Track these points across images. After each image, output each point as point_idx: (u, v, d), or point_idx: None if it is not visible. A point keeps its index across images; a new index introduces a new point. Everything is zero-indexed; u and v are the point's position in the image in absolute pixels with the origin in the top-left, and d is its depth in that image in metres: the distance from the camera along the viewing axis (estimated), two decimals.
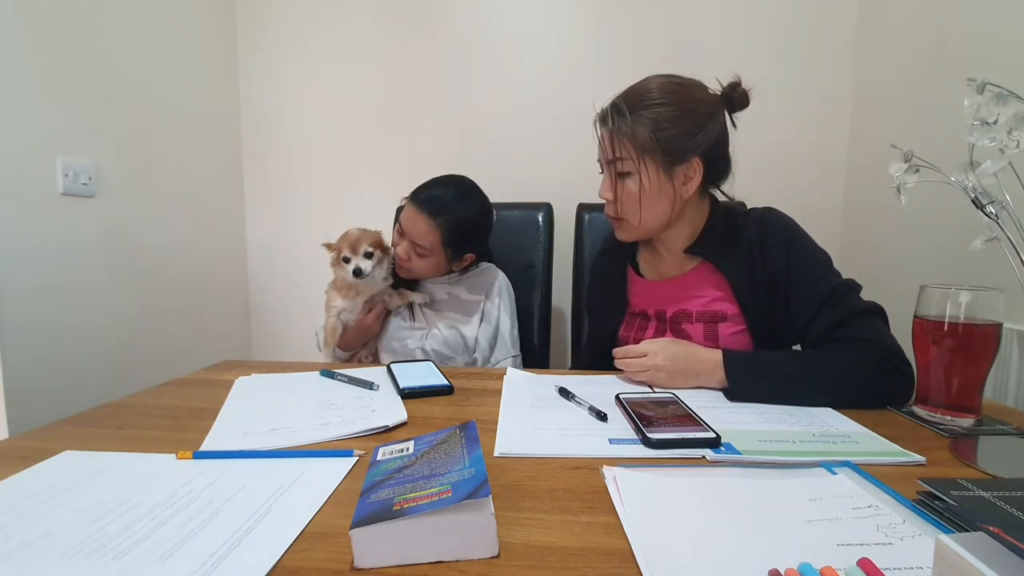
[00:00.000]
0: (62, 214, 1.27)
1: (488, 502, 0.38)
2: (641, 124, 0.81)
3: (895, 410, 0.70)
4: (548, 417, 0.67)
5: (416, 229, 1.10)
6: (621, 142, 0.83)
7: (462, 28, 1.75)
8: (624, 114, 0.82)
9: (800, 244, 0.85)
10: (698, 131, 0.82)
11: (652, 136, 0.81)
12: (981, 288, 0.63)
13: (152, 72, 1.53)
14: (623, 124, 0.82)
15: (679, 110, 0.82)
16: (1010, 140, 0.58)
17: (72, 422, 0.67)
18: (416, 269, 1.15)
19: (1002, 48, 1.07)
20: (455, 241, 1.12)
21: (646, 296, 0.95)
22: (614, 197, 0.87)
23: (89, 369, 1.32)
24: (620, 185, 0.86)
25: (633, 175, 0.84)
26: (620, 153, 0.83)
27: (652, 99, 0.82)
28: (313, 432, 0.62)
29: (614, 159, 0.85)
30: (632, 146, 0.82)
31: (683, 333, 0.89)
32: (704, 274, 0.90)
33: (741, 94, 0.85)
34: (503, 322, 1.19)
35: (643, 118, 0.81)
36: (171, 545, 0.39)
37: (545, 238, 1.48)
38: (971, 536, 0.29)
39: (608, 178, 0.88)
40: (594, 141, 0.89)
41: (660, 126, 0.81)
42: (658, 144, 0.81)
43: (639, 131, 0.81)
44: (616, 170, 0.85)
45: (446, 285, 1.22)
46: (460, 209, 1.13)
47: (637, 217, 0.86)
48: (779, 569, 0.35)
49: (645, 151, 0.82)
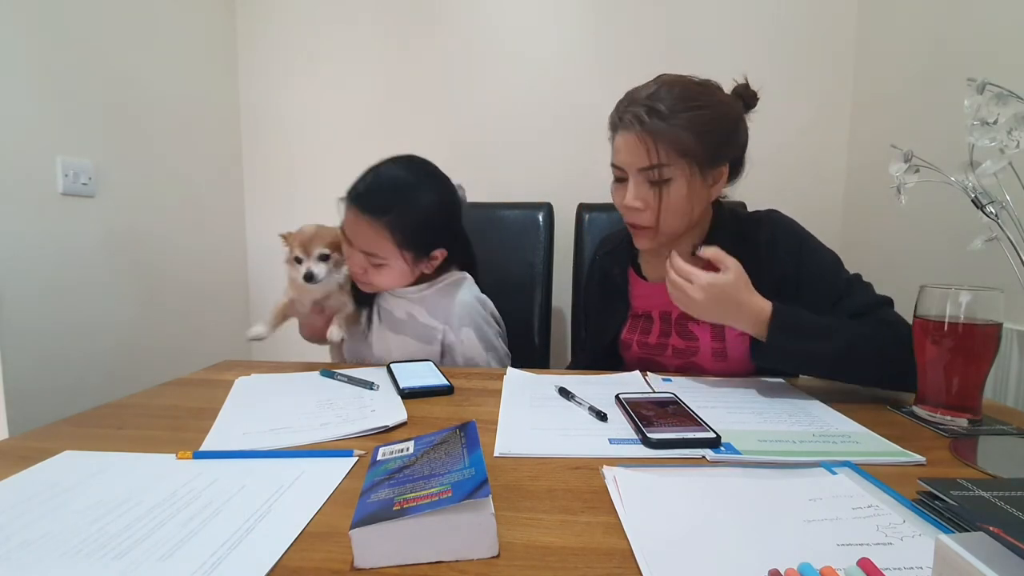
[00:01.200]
0: (62, 214, 1.27)
1: (488, 502, 0.38)
2: (682, 127, 0.78)
3: (895, 410, 0.70)
4: (548, 417, 0.67)
5: (361, 235, 0.92)
6: (660, 146, 0.78)
7: (462, 28, 1.75)
8: (664, 116, 0.77)
9: (810, 245, 0.86)
10: (733, 134, 0.82)
11: (696, 139, 0.78)
12: (981, 288, 0.63)
13: (152, 72, 1.53)
14: (664, 127, 0.77)
15: (715, 112, 0.80)
16: (1010, 140, 0.58)
17: (72, 422, 0.67)
18: (378, 282, 0.96)
19: (1002, 48, 1.07)
20: (413, 241, 0.93)
21: (650, 298, 0.94)
22: (645, 206, 0.82)
23: (89, 369, 1.32)
24: (656, 193, 0.81)
25: (675, 181, 0.80)
26: (660, 159, 0.79)
27: (689, 101, 0.79)
28: (313, 432, 0.62)
29: (652, 166, 0.79)
30: (675, 150, 0.78)
31: (689, 334, 0.89)
32: None
33: (751, 94, 0.86)
34: (471, 354, 1.00)
35: (683, 120, 0.78)
36: (171, 545, 0.39)
37: (545, 238, 1.48)
38: (971, 536, 0.29)
39: (636, 186, 0.82)
40: (595, 141, 0.89)
41: (702, 129, 0.78)
42: (703, 147, 0.78)
43: (683, 134, 0.77)
44: (653, 177, 0.80)
45: (406, 302, 1.00)
46: (410, 200, 0.93)
47: (673, 225, 0.83)
48: (779, 569, 0.35)
49: (688, 155, 0.79)
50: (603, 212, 1.52)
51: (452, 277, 1.03)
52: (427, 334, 0.99)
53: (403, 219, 0.91)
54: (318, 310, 1.03)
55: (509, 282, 1.43)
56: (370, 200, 0.92)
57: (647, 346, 0.93)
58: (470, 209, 1.10)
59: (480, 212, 1.53)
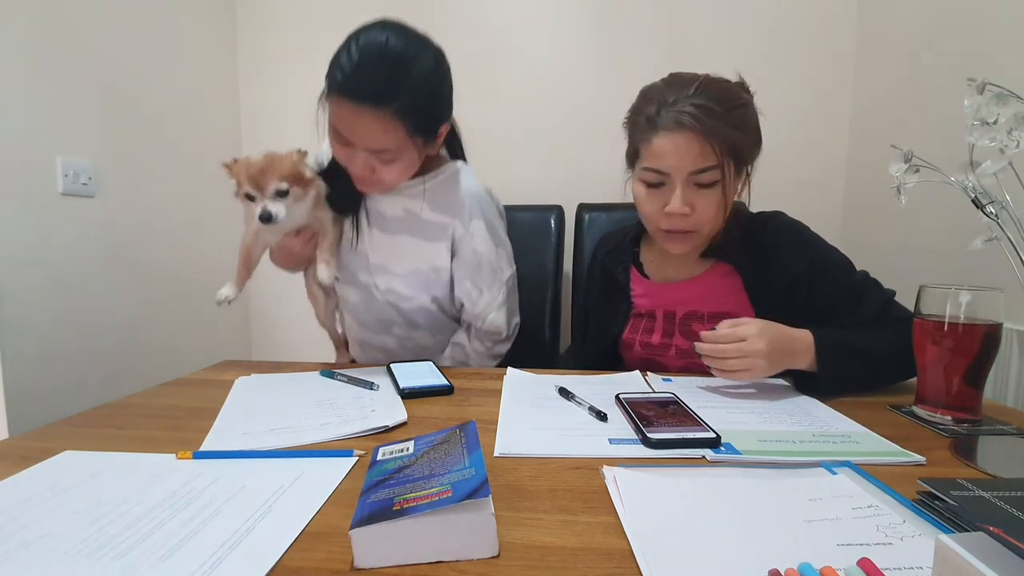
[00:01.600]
0: (62, 214, 1.27)
1: (488, 502, 0.38)
2: (733, 125, 0.75)
3: (895, 410, 0.70)
4: (548, 417, 0.67)
5: (363, 132, 0.78)
6: (717, 146, 0.75)
7: (461, 29, 1.75)
8: (719, 116, 0.74)
9: (819, 249, 0.86)
10: (760, 134, 0.81)
11: (746, 138, 0.77)
12: (981, 288, 0.63)
13: (152, 72, 1.53)
14: (722, 126, 0.74)
15: (749, 111, 0.79)
16: (1010, 140, 0.57)
17: (72, 422, 0.67)
18: (389, 180, 0.83)
19: (1002, 48, 1.07)
20: (424, 123, 0.81)
21: (653, 297, 0.93)
22: (692, 211, 0.78)
23: (89, 369, 1.32)
24: (699, 195, 0.78)
25: (720, 182, 0.77)
26: (710, 161, 0.75)
27: (734, 100, 0.76)
28: (313, 432, 0.62)
29: (707, 167, 0.76)
30: (723, 151, 0.75)
31: (694, 335, 0.86)
32: (718, 276, 0.89)
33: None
34: (482, 248, 0.89)
35: (734, 119, 0.75)
36: (171, 545, 0.39)
37: (556, 239, 1.53)
38: (971, 536, 0.29)
39: (684, 190, 0.78)
40: (594, 141, 0.88)
41: (744, 127, 0.77)
42: (748, 146, 0.77)
43: (735, 133, 0.75)
44: (705, 180, 0.77)
45: (403, 198, 0.87)
46: (412, 75, 0.78)
47: (713, 229, 0.82)
48: (779, 569, 0.35)
49: (735, 154, 0.76)
50: (603, 212, 1.52)
51: (451, 167, 0.92)
52: (433, 231, 0.88)
53: (412, 102, 0.77)
54: (294, 232, 0.89)
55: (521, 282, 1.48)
56: (367, 86, 0.76)
57: (650, 346, 0.91)
58: None
59: None
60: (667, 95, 0.77)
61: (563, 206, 1.56)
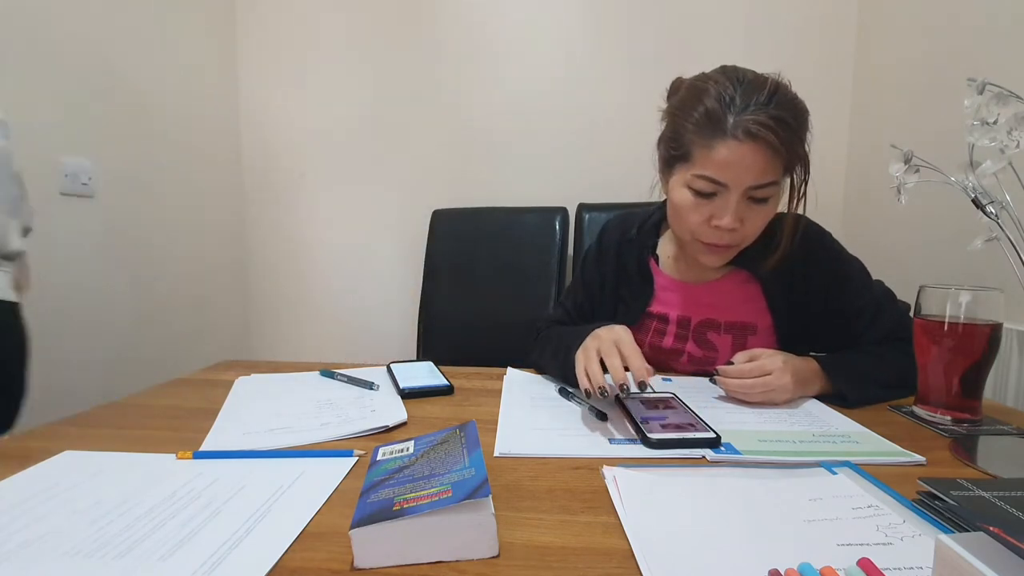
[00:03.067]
0: (62, 214, 1.27)
1: (488, 502, 0.38)
2: (802, 141, 0.71)
3: (895, 410, 0.70)
4: (548, 417, 0.67)
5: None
6: (779, 163, 0.70)
7: (461, 30, 1.75)
8: (794, 130, 0.69)
9: (841, 260, 0.84)
10: None
11: (806, 153, 0.72)
12: (981, 288, 0.63)
13: (152, 72, 1.53)
14: (794, 140, 0.69)
15: (807, 119, 0.73)
16: (1010, 140, 0.57)
17: (72, 422, 0.67)
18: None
19: (1002, 48, 1.07)
20: None
21: (669, 298, 0.88)
22: (743, 225, 0.74)
23: (89, 369, 1.32)
24: (750, 210, 0.73)
25: (774, 198, 0.74)
26: (771, 178, 0.71)
27: (804, 113, 0.72)
28: (313, 432, 0.62)
29: (770, 183, 0.71)
30: (783, 166, 0.71)
31: (709, 343, 0.85)
32: (737, 283, 0.85)
33: None
34: None
35: (802, 133, 0.71)
36: (171, 545, 0.39)
37: (560, 240, 1.59)
38: (971, 536, 0.29)
39: (739, 204, 0.72)
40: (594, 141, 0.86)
41: (806, 141, 0.73)
42: (805, 161, 0.73)
43: (802, 149, 0.71)
44: (761, 195, 0.72)
45: None
46: None
47: (750, 242, 0.78)
48: (779, 569, 0.35)
49: (789, 171, 0.73)
50: (603, 212, 1.54)
51: None
52: None
53: None
54: None
55: (526, 281, 1.57)
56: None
57: (660, 349, 0.88)
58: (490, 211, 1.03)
59: (500, 214, 1.67)
60: (737, 97, 0.69)
61: (554, 205, 1.59)
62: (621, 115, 1.66)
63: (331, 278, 1.91)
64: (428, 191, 1.80)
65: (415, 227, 1.77)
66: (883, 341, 0.79)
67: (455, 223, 1.69)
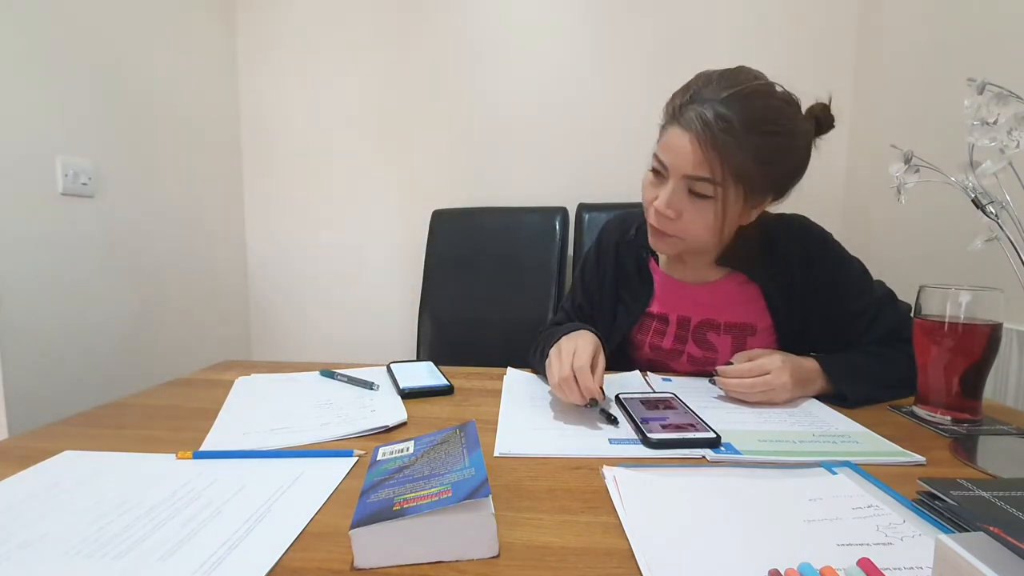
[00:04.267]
0: (62, 214, 1.27)
1: (488, 502, 0.38)
2: (750, 150, 0.68)
3: (895, 410, 0.70)
4: (548, 417, 0.67)
5: None
6: (718, 163, 0.69)
7: (461, 29, 1.75)
8: (734, 133, 0.67)
9: (842, 261, 0.83)
10: (797, 168, 0.74)
11: (759, 168, 0.69)
12: (981, 288, 0.63)
13: (152, 72, 1.53)
14: (731, 144, 0.68)
15: (788, 143, 0.71)
16: (1010, 140, 0.57)
17: (72, 422, 0.67)
18: None
19: (1002, 48, 1.07)
20: None
21: (669, 298, 0.89)
22: (677, 216, 0.74)
23: (89, 369, 1.32)
24: (689, 203, 0.73)
25: (718, 201, 0.71)
26: (712, 175, 0.70)
27: (765, 124, 0.69)
28: (313, 432, 0.62)
29: (700, 178, 0.70)
30: (728, 170, 0.69)
31: (708, 344, 0.85)
32: (736, 283, 0.85)
33: (829, 119, 0.76)
34: None
35: (753, 143, 0.68)
36: (171, 545, 0.39)
37: (560, 240, 1.59)
38: (971, 536, 0.29)
39: (674, 192, 0.73)
40: (594, 141, 0.86)
41: (768, 158, 0.70)
42: (762, 177, 0.71)
43: (747, 159, 0.68)
44: (696, 188, 0.72)
45: None
46: None
47: (701, 241, 0.77)
48: (779, 569, 0.35)
49: (742, 180, 0.70)
50: (603, 212, 1.54)
51: None
52: None
53: None
54: None
55: (526, 281, 1.58)
56: None
57: (660, 350, 0.89)
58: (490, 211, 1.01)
59: (500, 214, 1.67)
60: (702, 90, 0.71)
61: (554, 205, 1.60)
62: (621, 115, 1.66)
63: (331, 278, 1.91)
64: (428, 191, 1.80)
65: (415, 227, 1.77)
66: (883, 341, 0.79)
67: (455, 223, 1.69)
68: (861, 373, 0.74)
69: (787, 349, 0.79)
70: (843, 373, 0.74)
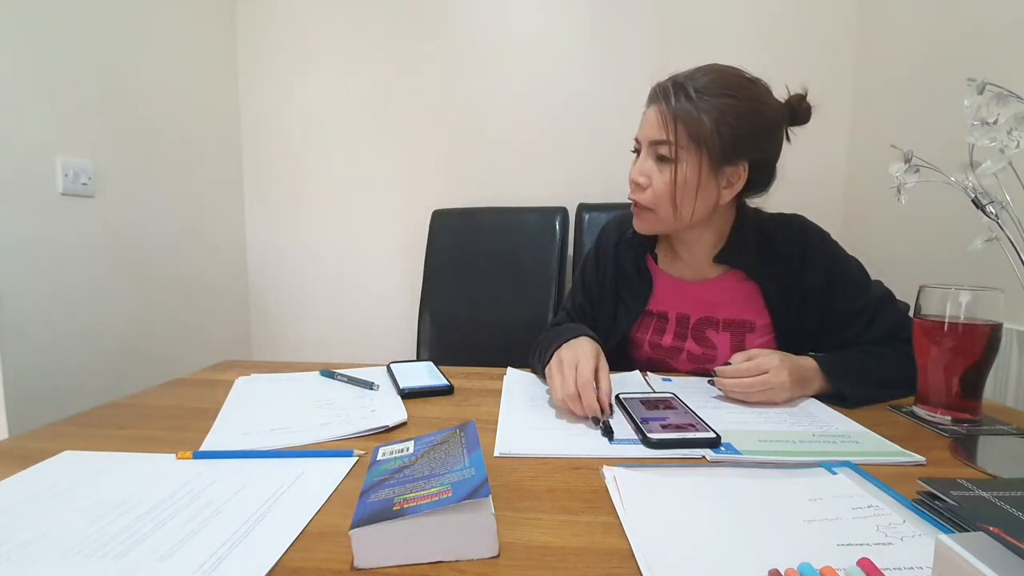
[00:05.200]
0: (62, 214, 1.27)
1: (488, 502, 0.38)
2: (705, 111, 0.73)
3: (895, 410, 0.70)
4: (548, 417, 0.67)
5: None
6: (675, 124, 0.74)
7: (461, 29, 1.75)
8: (689, 95, 0.73)
9: (839, 260, 0.84)
10: (759, 136, 0.77)
11: (713, 127, 0.73)
12: (981, 288, 0.63)
13: (152, 72, 1.53)
14: (685, 104, 0.73)
15: (749, 108, 0.75)
16: (1010, 140, 0.57)
17: (72, 422, 0.67)
18: None
19: (1002, 48, 1.07)
20: None
21: (668, 296, 0.89)
22: (647, 182, 0.78)
23: (89, 369, 1.32)
24: (656, 170, 0.77)
25: (681, 164, 0.75)
26: (669, 136, 0.75)
27: (722, 87, 0.74)
28: (313, 432, 0.62)
29: (662, 141, 0.76)
30: (686, 132, 0.74)
31: (707, 341, 0.86)
32: (734, 281, 0.86)
33: (806, 109, 0.80)
34: None
35: (708, 104, 0.73)
36: (171, 545, 0.39)
37: (560, 240, 1.59)
38: (971, 536, 0.29)
39: (643, 160, 0.79)
40: (594, 141, 0.87)
41: (725, 119, 0.73)
42: (718, 138, 0.73)
43: (702, 118, 0.73)
44: (662, 152, 0.76)
45: None
46: None
47: (667, 211, 0.78)
48: (779, 569, 0.35)
49: (698, 141, 0.74)
50: (603, 212, 1.54)
51: None
52: None
53: None
54: None
55: (526, 281, 1.58)
56: None
57: (660, 348, 0.89)
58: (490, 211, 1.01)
59: (500, 214, 1.67)
60: (674, 75, 0.78)
61: (554, 204, 1.59)
62: (621, 115, 1.66)
63: (331, 278, 1.91)
64: (428, 191, 1.80)
65: (415, 227, 1.77)
66: (882, 341, 0.79)
67: (455, 223, 1.69)
68: (860, 373, 0.74)
69: (786, 347, 0.79)
70: (842, 373, 0.74)
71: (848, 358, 0.78)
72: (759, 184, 0.82)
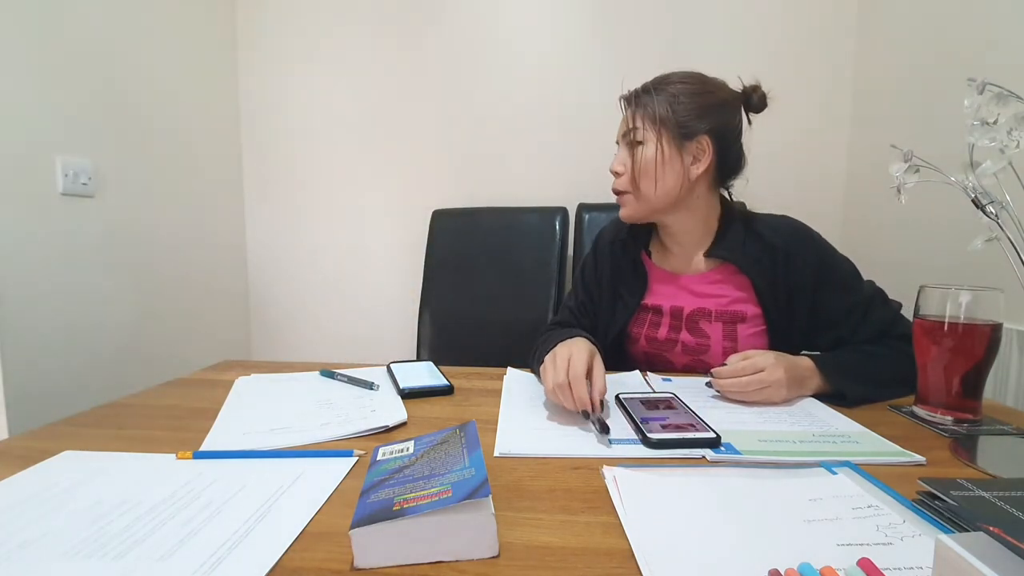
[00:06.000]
0: (62, 214, 1.27)
1: (488, 502, 0.38)
2: (661, 100, 0.84)
3: (895, 410, 0.70)
4: (548, 417, 0.67)
5: None
6: (638, 113, 0.86)
7: (462, 28, 1.75)
8: (649, 92, 0.86)
9: (828, 258, 0.85)
10: (711, 109, 0.84)
11: (668, 107, 0.84)
12: (981, 288, 0.63)
13: (152, 72, 1.53)
14: (644, 97, 0.86)
15: (698, 88, 0.85)
16: (1010, 140, 0.57)
17: (72, 422, 0.67)
18: None
19: (1002, 48, 1.07)
20: None
21: (662, 290, 0.92)
22: (624, 170, 0.88)
23: (89, 369, 1.32)
24: (633, 154, 0.87)
25: (647, 144, 0.85)
26: (635, 123, 0.86)
27: (674, 79, 0.86)
28: (313, 432, 0.62)
29: (627, 131, 0.87)
30: (646, 116, 0.85)
31: (701, 332, 0.88)
32: (726, 274, 0.88)
33: (760, 96, 0.87)
34: None
35: (664, 94, 0.85)
36: (171, 545, 0.39)
37: (560, 240, 1.59)
38: (971, 536, 0.29)
39: (619, 152, 0.90)
40: (594, 141, 0.89)
41: (677, 100, 0.84)
42: (673, 115, 0.83)
43: (659, 103, 0.84)
44: (630, 139, 0.87)
45: None
46: None
47: (647, 190, 0.86)
48: (779, 569, 0.35)
49: (656, 121, 0.84)
50: (603, 212, 1.54)
51: None
52: None
53: None
54: None
55: (526, 281, 1.58)
56: None
57: (655, 341, 0.91)
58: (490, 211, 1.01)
59: (500, 214, 1.67)
60: None
61: (554, 205, 1.59)
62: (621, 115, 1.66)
63: (331, 278, 1.91)
64: (428, 191, 1.80)
65: (415, 227, 1.77)
66: (875, 339, 0.80)
67: (455, 223, 1.69)
68: (858, 371, 0.75)
69: (778, 343, 0.83)
70: (840, 372, 0.75)
71: (844, 357, 0.78)
72: (727, 163, 0.87)
